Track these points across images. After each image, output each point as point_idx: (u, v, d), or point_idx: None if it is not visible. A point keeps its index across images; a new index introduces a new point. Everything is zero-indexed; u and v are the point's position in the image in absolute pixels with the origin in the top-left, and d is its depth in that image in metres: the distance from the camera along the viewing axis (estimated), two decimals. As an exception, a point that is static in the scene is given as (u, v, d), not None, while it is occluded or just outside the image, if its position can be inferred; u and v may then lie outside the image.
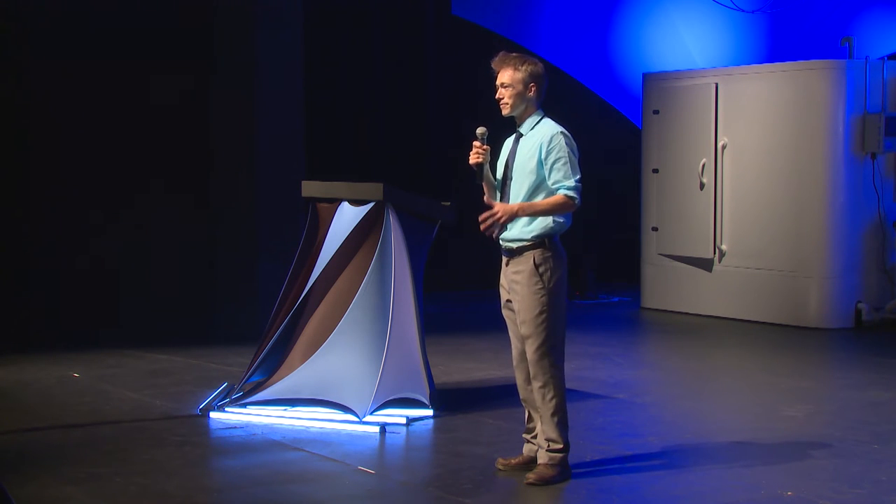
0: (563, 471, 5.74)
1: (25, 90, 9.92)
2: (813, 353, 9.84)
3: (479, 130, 5.76)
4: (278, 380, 7.05)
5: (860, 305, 10.77)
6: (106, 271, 10.14)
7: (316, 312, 7.09)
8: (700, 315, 11.64)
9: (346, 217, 7.15)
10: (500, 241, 5.82)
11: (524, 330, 5.72)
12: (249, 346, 8.07)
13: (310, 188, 7.40)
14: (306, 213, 7.37)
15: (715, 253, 11.52)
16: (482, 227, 5.69)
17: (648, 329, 11.39)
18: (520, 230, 5.72)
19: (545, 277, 5.67)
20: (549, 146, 5.67)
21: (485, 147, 5.76)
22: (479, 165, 5.78)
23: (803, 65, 10.89)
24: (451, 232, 8.50)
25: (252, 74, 10.09)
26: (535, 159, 5.69)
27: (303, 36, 10.39)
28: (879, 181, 10.80)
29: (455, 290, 12.78)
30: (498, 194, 5.85)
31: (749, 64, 12.26)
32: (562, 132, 5.72)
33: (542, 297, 5.67)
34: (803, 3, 13.58)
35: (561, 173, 5.66)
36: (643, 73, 12.41)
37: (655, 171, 12.06)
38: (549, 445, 5.73)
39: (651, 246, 12.16)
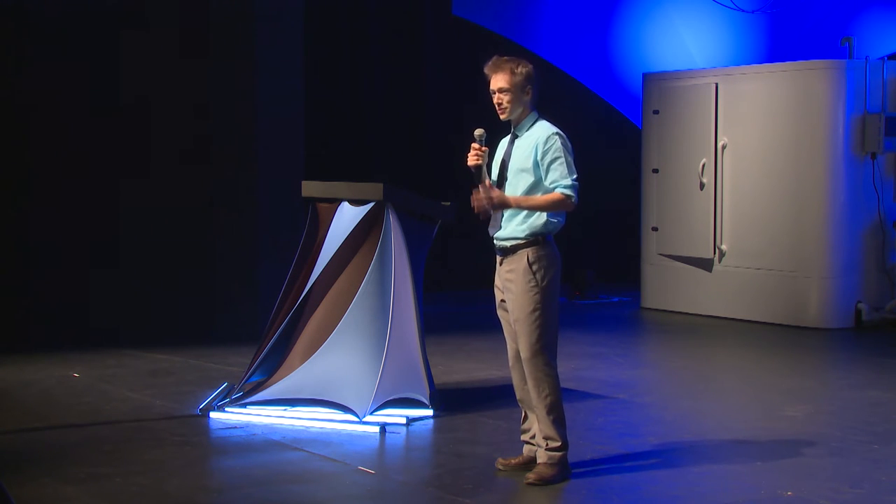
0: (563, 470, 5.74)
1: (25, 89, 9.92)
2: (813, 353, 9.84)
3: (478, 132, 5.77)
4: (278, 380, 7.05)
5: (860, 305, 10.77)
6: (106, 271, 10.14)
7: (316, 312, 7.09)
8: (700, 315, 11.64)
9: (346, 217, 7.14)
10: (495, 241, 5.83)
11: (517, 328, 5.74)
12: (249, 346, 8.08)
13: (310, 188, 7.39)
14: (306, 213, 7.37)
15: (715, 253, 11.52)
16: (475, 202, 5.68)
17: (648, 329, 11.39)
18: (514, 229, 5.74)
19: (539, 276, 5.68)
20: (545, 147, 5.69)
21: (483, 148, 5.78)
22: (478, 167, 5.79)
23: (803, 65, 10.89)
24: (451, 232, 8.50)
25: (252, 74, 10.09)
26: (532, 160, 5.71)
27: (303, 35, 10.39)
28: (879, 181, 10.81)
29: (455, 290, 12.78)
30: None
31: (749, 64, 12.26)
32: (557, 133, 5.74)
33: (535, 294, 5.68)
34: (803, 3, 13.58)
35: (557, 173, 5.67)
36: (643, 73, 12.41)
37: (655, 171, 12.06)
38: (547, 444, 5.73)
39: (651, 246, 12.16)
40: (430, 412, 7.09)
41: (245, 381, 7.23)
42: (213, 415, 7.07)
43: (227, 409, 7.08)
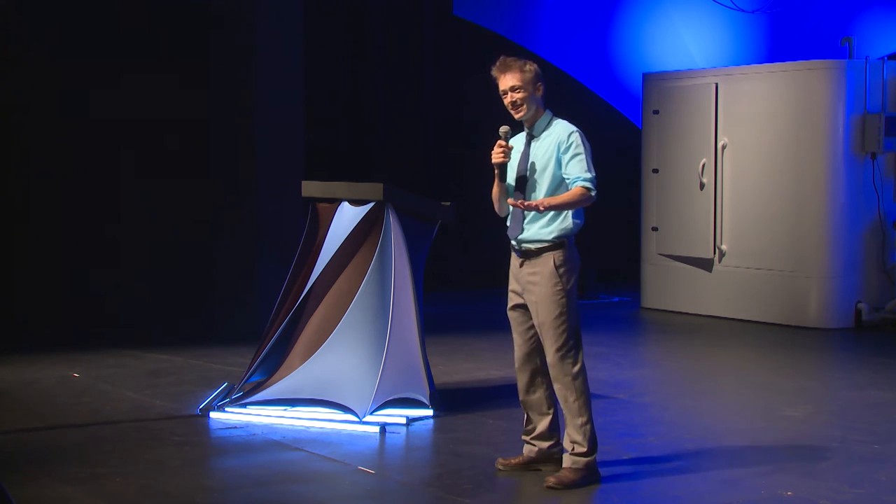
0: (589, 475, 5.65)
1: (23, 89, 9.92)
2: (813, 353, 9.84)
3: (503, 129, 5.69)
4: (278, 380, 7.05)
5: (860, 305, 10.77)
6: (106, 271, 10.14)
7: (316, 312, 7.09)
8: (700, 315, 11.64)
9: (346, 217, 7.14)
10: (516, 243, 5.74)
11: (543, 332, 5.66)
12: (249, 346, 8.08)
13: (310, 188, 7.39)
14: (306, 213, 7.37)
15: (715, 253, 11.51)
16: (519, 203, 5.59)
17: (648, 329, 11.39)
18: (538, 231, 5.66)
19: (564, 279, 5.63)
20: (567, 143, 5.64)
21: (509, 146, 5.71)
22: (503, 165, 5.73)
23: (803, 65, 10.89)
24: (451, 232, 8.50)
25: (252, 74, 10.09)
26: (554, 159, 5.65)
27: (303, 36, 10.39)
28: (879, 181, 10.81)
29: (455, 290, 12.78)
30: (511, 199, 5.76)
31: (749, 64, 12.26)
32: (578, 131, 5.70)
33: (561, 298, 5.62)
34: (803, 3, 13.58)
35: (577, 168, 5.62)
36: (643, 73, 12.41)
37: (655, 171, 12.06)
38: (573, 448, 5.65)
39: (651, 246, 12.16)
40: (430, 412, 7.08)
41: (245, 381, 7.23)
42: (213, 415, 7.07)
43: (227, 409, 7.08)
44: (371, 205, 7.06)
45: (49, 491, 5.60)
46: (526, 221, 5.68)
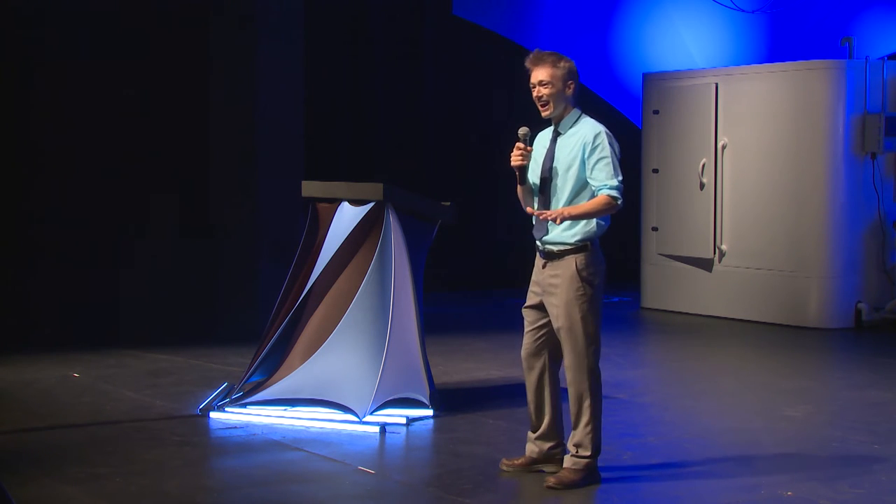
0: (589, 476, 5.62)
1: (27, 90, 9.92)
2: (813, 353, 9.84)
3: (522, 131, 5.61)
4: (278, 380, 7.05)
5: (860, 305, 10.77)
6: (106, 271, 10.14)
7: (316, 312, 7.09)
8: (700, 315, 11.64)
9: (346, 217, 7.14)
10: (540, 244, 5.69)
11: (562, 336, 5.60)
12: (249, 346, 8.07)
13: (310, 188, 7.39)
14: (306, 213, 7.37)
15: (715, 253, 11.51)
16: (537, 213, 5.56)
17: (648, 329, 11.39)
18: (561, 234, 5.60)
19: (586, 283, 5.57)
20: (593, 145, 5.56)
21: (528, 148, 5.64)
22: (522, 168, 5.66)
23: (803, 65, 10.90)
24: (451, 232, 8.50)
25: (252, 74, 10.09)
26: (579, 159, 5.57)
27: (303, 36, 10.38)
28: (879, 181, 10.81)
29: (456, 290, 12.78)
30: (535, 198, 5.70)
31: (749, 64, 12.27)
32: (605, 132, 5.62)
33: (582, 303, 5.57)
34: (803, 3, 13.59)
35: (604, 173, 5.54)
36: (643, 73, 12.41)
37: (655, 171, 12.06)
38: (576, 451, 5.63)
39: (651, 246, 12.16)
40: (430, 412, 7.08)
41: (245, 381, 7.23)
42: (213, 415, 7.07)
43: (227, 409, 7.08)
44: (371, 205, 7.06)
45: (49, 491, 5.60)
46: (550, 223, 5.61)
